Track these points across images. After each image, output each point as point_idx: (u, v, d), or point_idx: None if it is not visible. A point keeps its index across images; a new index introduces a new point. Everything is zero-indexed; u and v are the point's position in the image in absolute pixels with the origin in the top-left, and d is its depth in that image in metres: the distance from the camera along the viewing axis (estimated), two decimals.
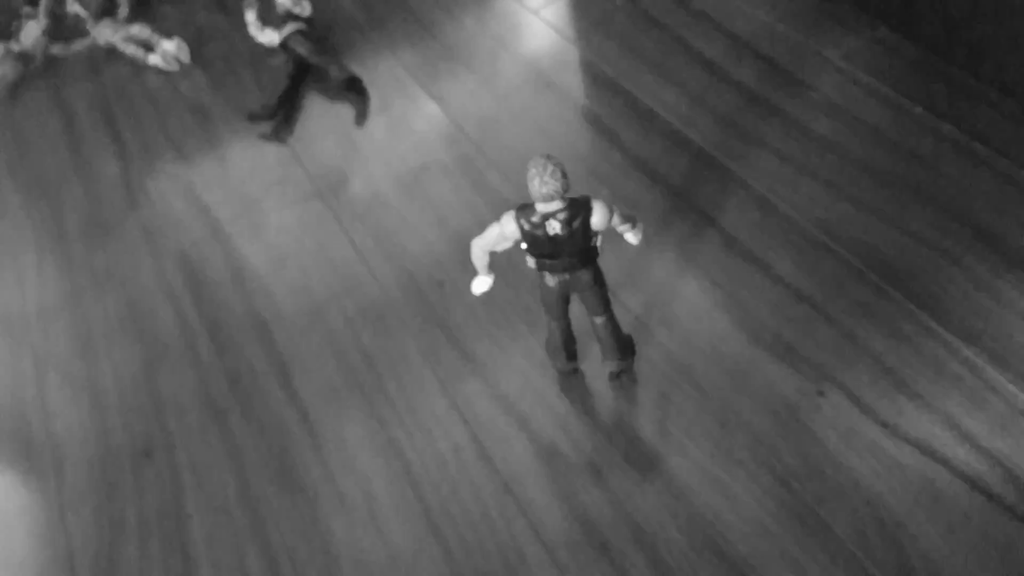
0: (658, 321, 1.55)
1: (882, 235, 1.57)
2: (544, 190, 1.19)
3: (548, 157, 1.19)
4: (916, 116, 1.74)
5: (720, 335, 1.51)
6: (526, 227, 1.25)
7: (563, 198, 1.22)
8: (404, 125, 2.08)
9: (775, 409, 1.39)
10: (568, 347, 1.46)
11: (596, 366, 1.50)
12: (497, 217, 1.28)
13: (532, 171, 1.19)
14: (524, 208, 1.25)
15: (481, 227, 1.32)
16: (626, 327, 1.52)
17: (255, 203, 2.02)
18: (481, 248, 1.31)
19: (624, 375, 1.48)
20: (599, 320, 1.41)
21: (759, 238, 1.62)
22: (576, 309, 1.43)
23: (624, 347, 1.46)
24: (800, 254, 1.58)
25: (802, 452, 1.34)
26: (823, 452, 1.33)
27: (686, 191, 1.73)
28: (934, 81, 1.78)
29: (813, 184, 1.67)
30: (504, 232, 1.26)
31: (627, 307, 1.57)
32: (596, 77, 2.01)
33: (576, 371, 1.51)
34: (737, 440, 1.37)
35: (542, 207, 1.22)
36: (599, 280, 1.35)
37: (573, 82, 2.02)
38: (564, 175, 1.19)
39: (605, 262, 1.37)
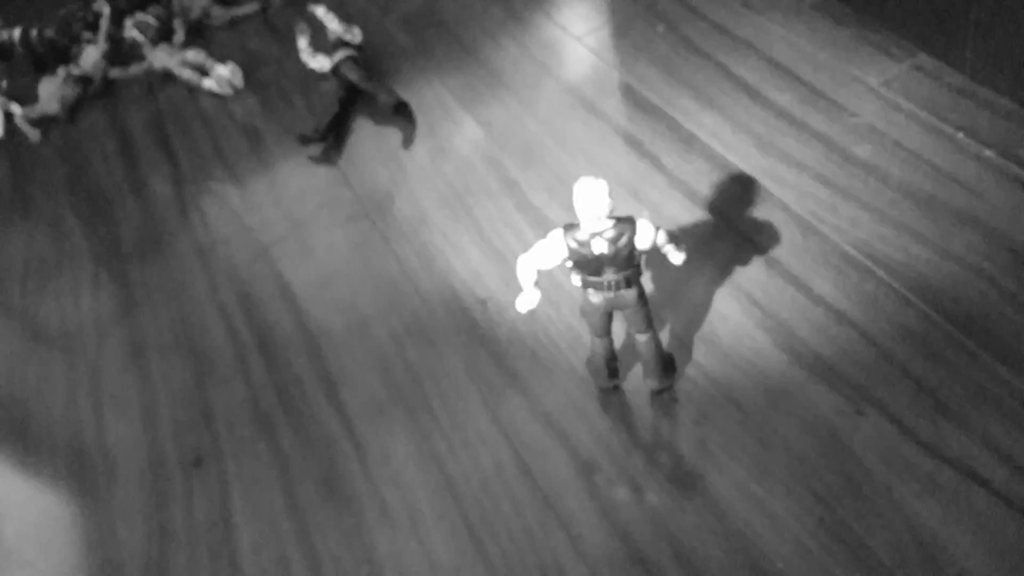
0: (699, 340, 1.56)
1: (923, 259, 1.57)
2: (591, 210, 1.22)
3: (596, 178, 1.22)
4: (957, 141, 1.73)
5: (760, 354, 1.51)
6: (573, 245, 1.27)
7: (609, 217, 1.24)
8: (449, 148, 2.11)
9: (815, 429, 1.39)
10: (610, 365, 1.48)
11: (637, 384, 1.51)
12: (544, 235, 1.30)
13: (578, 191, 1.22)
14: (571, 227, 1.27)
15: (524, 247, 1.35)
16: (667, 346, 1.54)
17: (305, 222, 2.06)
18: (528, 265, 1.33)
19: (665, 393, 1.50)
20: (642, 338, 1.42)
21: (800, 260, 1.63)
22: (617, 327, 1.45)
23: (666, 366, 1.47)
24: (841, 276, 1.58)
25: (841, 472, 1.34)
26: (862, 472, 1.33)
27: (727, 213, 1.74)
28: (975, 107, 1.77)
29: (854, 207, 1.68)
30: (551, 249, 1.29)
31: (668, 326, 1.59)
32: (638, 102, 2.03)
33: (617, 388, 1.53)
34: (777, 459, 1.37)
35: (588, 226, 1.25)
36: (643, 299, 1.37)
37: (615, 107, 2.04)
38: (610, 195, 1.22)
39: (647, 281, 1.38)
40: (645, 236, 1.27)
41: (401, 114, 2.24)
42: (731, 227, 1.72)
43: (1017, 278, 1.51)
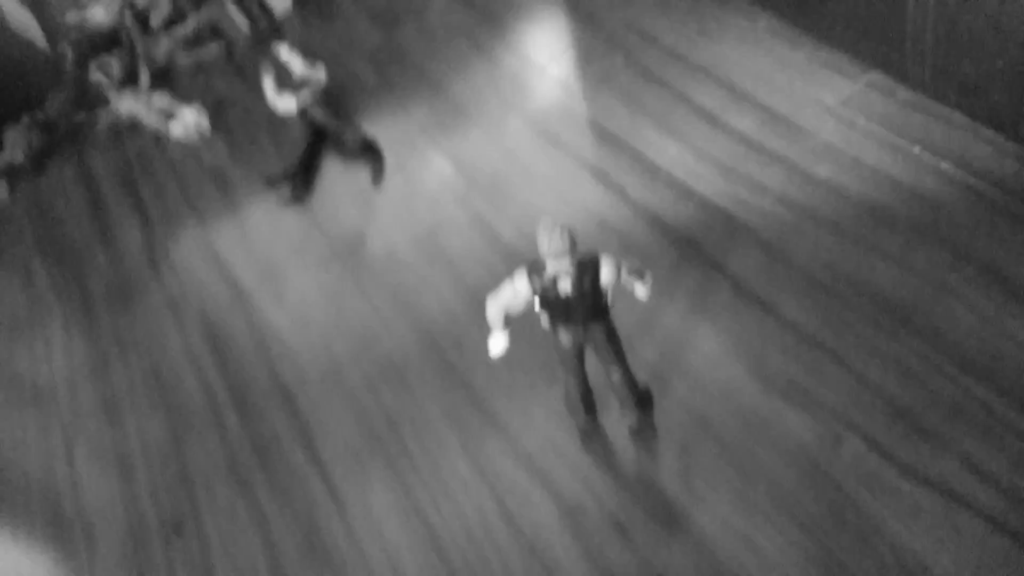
0: (674, 371, 1.51)
1: (888, 275, 1.53)
2: (553, 249, 1.18)
3: (554, 220, 1.18)
4: (915, 156, 1.70)
5: (735, 383, 1.46)
6: (538, 285, 1.23)
7: (572, 256, 1.20)
8: (418, 184, 2.05)
9: (794, 456, 1.35)
10: (586, 401, 1.43)
11: (616, 420, 1.46)
12: (511, 274, 1.26)
13: (541, 231, 1.18)
14: (535, 265, 1.23)
15: (496, 282, 1.30)
16: (642, 377, 1.49)
17: (276, 268, 1.99)
18: (496, 306, 1.28)
19: (644, 427, 1.44)
20: (615, 374, 1.37)
21: (767, 283, 1.59)
22: (593, 363, 1.39)
23: (642, 399, 1.43)
24: (809, 298, 1.54)
25: (824, 500, 1.29)
26: (845, 499, 1.29)
27: (694, 240, 1.70)
28: (930, 121, 1.74)
29: (817, 228, 1.64)
30: (517, 289, 1.25)
31: (642, 358, 1.53)
32: (601, 133, 1.99)
33: (596, 425, 1.47)
34: (758, 490, 1.32)
35: (552, 265, 1.21)
36: (612, 334, 1.32)
37: (580, 138, 1.99)
38: (572, 234, 1.18)
39: (618, 314, 1.34)
40: (608, 271, 1.24)
41: (369, 152, 2.18)
42: (698, 253, 1.67)
43: (983, 290, 1.47)
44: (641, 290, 1.33)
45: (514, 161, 2.00)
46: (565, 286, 1.23)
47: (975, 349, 1.40)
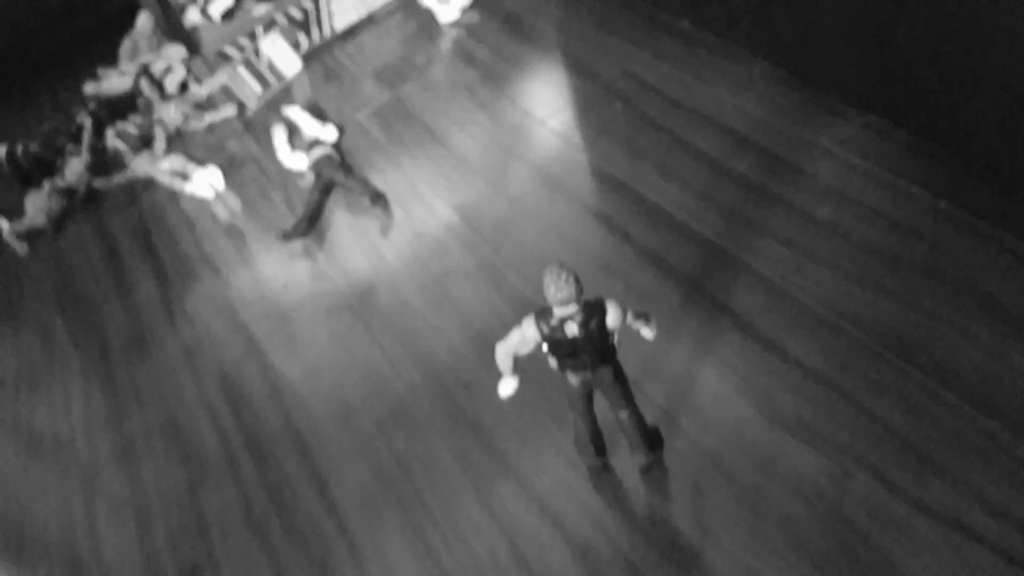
0: (682, 411, 1.50)
1: (891, 312, 1.52)
2: (559, 295, 1.19)
3: (561, 264, 1.19)
4: (913, 195, 1.70)
5: (744, 421, 1.45)
6: (545, 331, 1.24)
7: (578, 301, 1.21)
8: (425, 234, 2.06)
9: (804, 493, 1.33)
10: (596, 443, 1.42)
11: (626, 460, 1.45)
12: (518, 320, 1.26)
13: (547, 279, 1.19)
14: (543, 312, 1.24)
15: (504, 327, 1.30)
16: (651, 418, 1.47)
17: (289, 317, 2.00)
18: (504, 352, 1.29)
19: (654, 467, 1.43)
20: (623, 414, 1.37)
21: (772, 323, 1.58)
22: (602, 405, 1.38)
23: (651, 439, 1.41)
24: (813, 336, 1.53)
25: (835, 536, 1.27)
26: (855, 534, 1.27)
27: (698, 281, 1.69)
28: (927, 161, 1.74)
29: (819, 268, 1.63)
30: (525, 336, 1.26)
31: (651, 398, 1.52)
32: (603, 178, 2.00)
33: (606, 466, 1.46)
34: (769, 526, 1.30)
35: (559, 311, 1.22)
36: (620, 375, 1.32)
37: (582, 184, 2.01)
38: (577, 280, 1.19)
39: (625, 355, 1.33)
40: (614, 316, 1.24)
41: (377, 204, 2.19)
42: (702, 294, 1.67)
43: (987, 326, 1.46)
44: (647, 332, 1.34)
45: (519, 208, 2.01)
46: (572, 330, 1.23)
47: (980, 383, 1.39)
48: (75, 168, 2.72)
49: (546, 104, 2.29)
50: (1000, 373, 1.39)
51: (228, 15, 2.93)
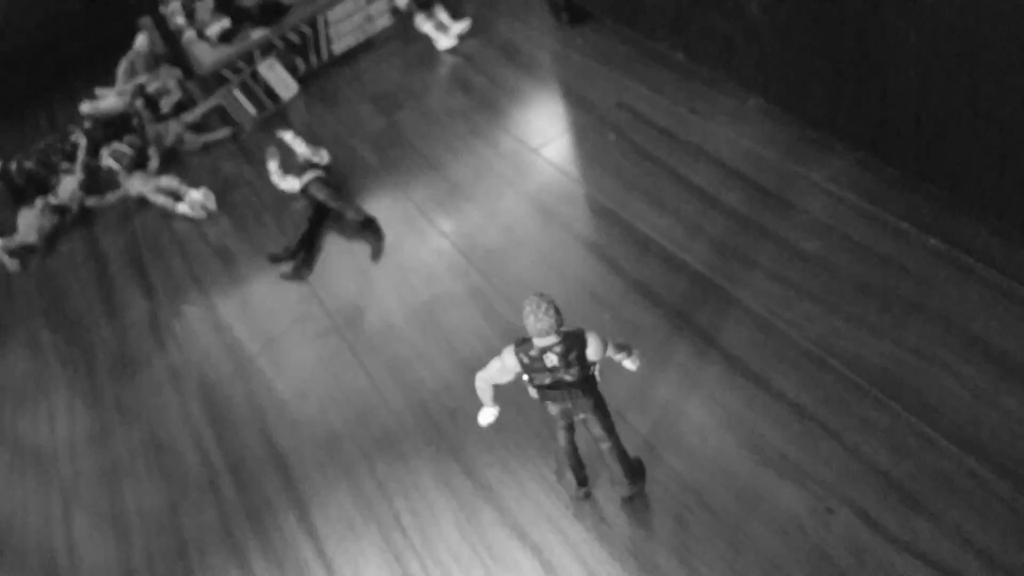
0: (665, 443, 1.49)
1: (879, 350, 1.52)
2: (539, 326, 1.18)
3: (540, 295, 1.19)
4: (903, 231, 1.71)
5: (727, 455, 1.44)
6: (525, 360, 1.23)
7: (558, 332, 1.20)
8: (416, 260, 2.07)
9: (785, 529, 1.32)
10: (577, 473, 1.41)
11: (608, 491, 1.44)
12: (504, 348, 1.25)
13: (527, 309, 1.18)
14: (523, 342, 1.23)
15: (491, 354, 1.29)
16: (634, 449, 1.47)
17: (276, 340, 1.99)
18: (485, 381, 1.29)
19: (636, 498, 1.42)
20: (605, 445, 1.36)
21: (759, 357, 1.57)
22: (583, 435, 1.38)
23: (633, 471, 1.40)
24: (800, 371, 1.53)
25: (815, 571, 1.26)
26: (836, 572, 1.26)
27: (685, 313, 1.69)
28: (917, 197, 1.75)
29: (808, 302, 1.63)
30: (505, 365, 1.25)
31: (634, 429, 1.52)
32: (595, 208, 2.00)
33: (588, 496, 1.45)
34: (750, 562, 1.29)
35: (539, 342, 1.21)
36: (600, 407, 1.31)
37: (574, 214, 2.01)
38: (557, 311, 1.18)
39: (609, 385, 1.33)
40: (595, 348, 1.23)
41: (369, 230, 2.20)
42: (690, 326, 1.67)
43: (975, 365, 1.45)
44: (630, 364, 1.34)
45: (510, 236, 2.02)
46: (552, 360, 1.22)
47: (967, 422, 1.38)
48: (68, 186, 2.73)
49: (540, 133, 2.30)
50: (986, 412, 1.38)
51: (226, 37, 2.95)
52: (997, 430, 1.36)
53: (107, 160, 2.72)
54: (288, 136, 2.44)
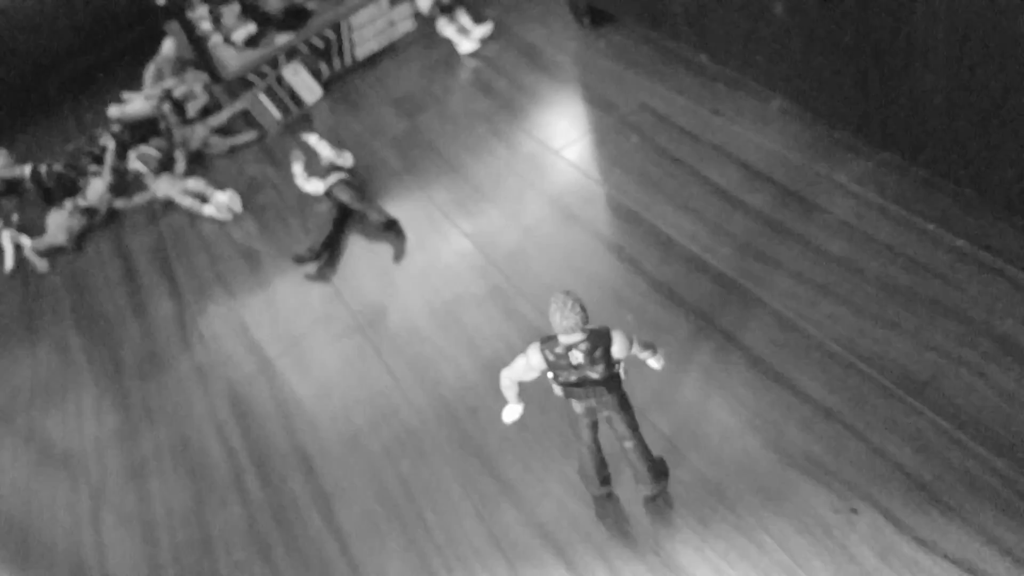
0: (689, 442, 1.48)
1: (904, 350, 1.50)
2: (565, 323, 1.18)
3: (567, 293, 1.19)
4: (929, 232, 1.69)
5: (751, 455, 1.43)
6: (550, 358, 1.23)
7: (583, 329, 1.20)
8: (438, 260, 2.07)
9: (810, 529, 1.31)
10: (600, 472, 1.40)
11: (631, 489, 1.43)
12: (525, 347, 1.25)
13: (553, 306, 1.18)
14: (548, 340, 1.23)
15: (512, 354, 1.30)
16: (657, 449, 1.46)
17: (301, 339, 2.00)
18: (509, 378, 1.29)
19: (659, 499, 1.41)
20: (628, 444, 1.35)
21: (783, 357, 1.56)
22: (607, 434, 1.37)
23: (656, 470, 1.40)
24: (825, 372, 1.52)
25: (839, 573, 1.25)
26: (861, 572, 1.25)
27: (709, 313, 1.69)
28: (943, 198, 1.74)
29: (833, 303, 1.62)
30: (530, 363, 1.25)
31: (658, 429, 1.51)
32: (617, 209, 2.00)
33: (611, 495, 1.44)
34: (774, 562, 1.28)
35: (564, 339, 1.21)
36: (625, 405, 1.31)
37: (596, 215, 2.01)
38: (583, 308, 1.18)
39: (633, 385, 1.32)
40: (620, 346, 1.23)
41: (391, 231, 2.20)
42: (714, 327, 1.66)
43: (1000, 365, 1.44)
44: (655, 363, 1.33)
45: (531, 237, 2.02)
46: (577, 358, 1.22)
47: (993, 422, 1.37)
48: (97, 188, 2.75)
49: (562, 135, 2.30)
50: (1013, 413, 1.37)
51: (251, 42, 2.97)
52: (1023, 430, 1.34)
53: (135, 163, 2.74)
54: (312, 139, 2.45)
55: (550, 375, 1.26)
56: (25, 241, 2.67)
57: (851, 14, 1.64)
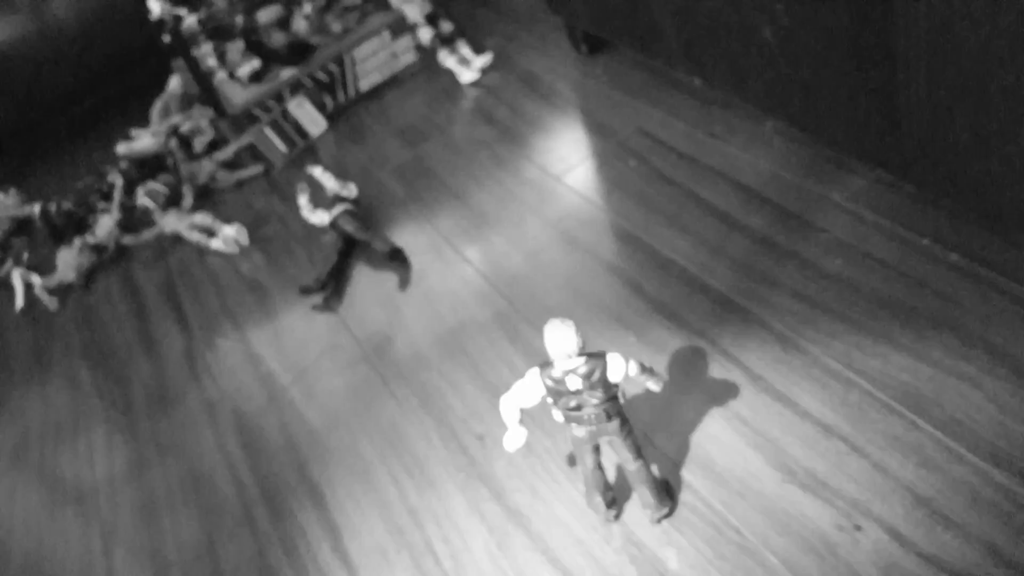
0: (692, 463, 1.49)
1: (903, 365, 1.51)
2: (560, 349, 1.19)
3: (562, 320, 1.19)
4: (924, 248, 1.70)
5: (754, 474, 1.44)
6: (549, 383, 1.24)
7: (580, 354, 1.21)
8: (442, 287, 2.09)
9: (814, 547, 1.31)
10: (605, 496, 1.41)
11: (637, 513, 1.44)
12: (524, 374, 1.27)
13: (548, 333, 1.20)
14: (547, 365, 1.24)
15: (517, 379, 1.31)
16: (662, 471, 1.47)
17: (308, 370, 2.02)
18: (510, 405, 1.29)
19: (664, 520, 1.42)
20: (632, 467, 1.36)
21: (783, 375, 1.57)
22: (611, 456, 1.38)
23: (661, 492, 1.40)
24: (824, 389, 1.52)
25: None
26: None
27: (709, 334, 1.69)
28: (938, 213, 1.75)
29: (831, 320, 1.63)
30: (529, 388, 1.25)
31: (661, 451, 1.52)
32: (617, 233, 2.01)
33: (617, 518, 1.45)
34: None
35: (561, 364, 1.22)
36: (626, 427, 1.32)
37: (596, 238, 2.02)
38: (578, 333, 1.19)
39: (635, 407, 1.33)
40: (616, 370, 1.24)
41: (396, 260, 2.23)
42: (714, 347, 1.67)
43: (998, 377, 1.44)
44: (653, 385, 1.34)
45: (534, 262, 2.03)
46: (575, 383, 1.23)
47: (994, 436, 1.37)
48: (105, 225, 2.79)
49: (562, 161, 2.32)
50: (1012, 426, 1.37)
51: (256, 78, 3.01)
52: (1022, 441, 1.34)
53: (142, 199, 2.77)
54: (317, 171, 2.48)
55: (550, 401, 1.27)
56: (35, 279, 2.70)
57: (837, 37, 1.66)
